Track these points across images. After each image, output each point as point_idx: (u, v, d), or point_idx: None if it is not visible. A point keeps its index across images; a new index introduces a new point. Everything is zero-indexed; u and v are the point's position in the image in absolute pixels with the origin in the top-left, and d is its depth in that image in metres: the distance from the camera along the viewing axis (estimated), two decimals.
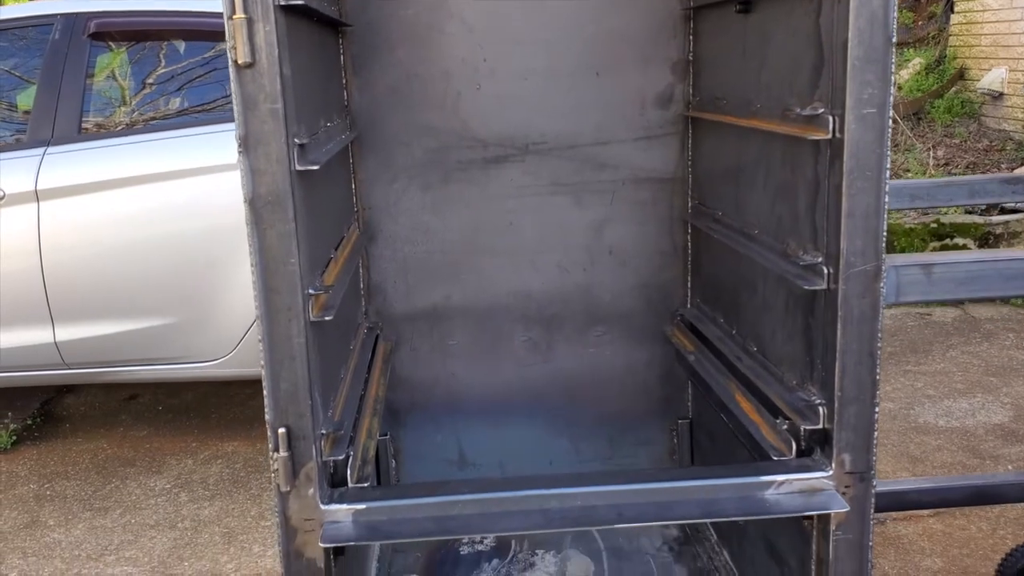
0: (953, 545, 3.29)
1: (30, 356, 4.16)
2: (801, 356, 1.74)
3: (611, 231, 2.45)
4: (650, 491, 1.60)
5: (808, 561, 1.73)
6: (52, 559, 3.45)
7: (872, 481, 1.61)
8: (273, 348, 1.50)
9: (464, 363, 2.52)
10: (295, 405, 1.52)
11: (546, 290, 2.48)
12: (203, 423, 4.64)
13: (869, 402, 1.57)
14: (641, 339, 2.52)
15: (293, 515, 1.56)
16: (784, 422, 1.74)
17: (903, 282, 1.56)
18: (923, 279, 1.55)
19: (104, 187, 4.02)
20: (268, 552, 3.42)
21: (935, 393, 4.60)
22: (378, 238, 2.42)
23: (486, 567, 2.34)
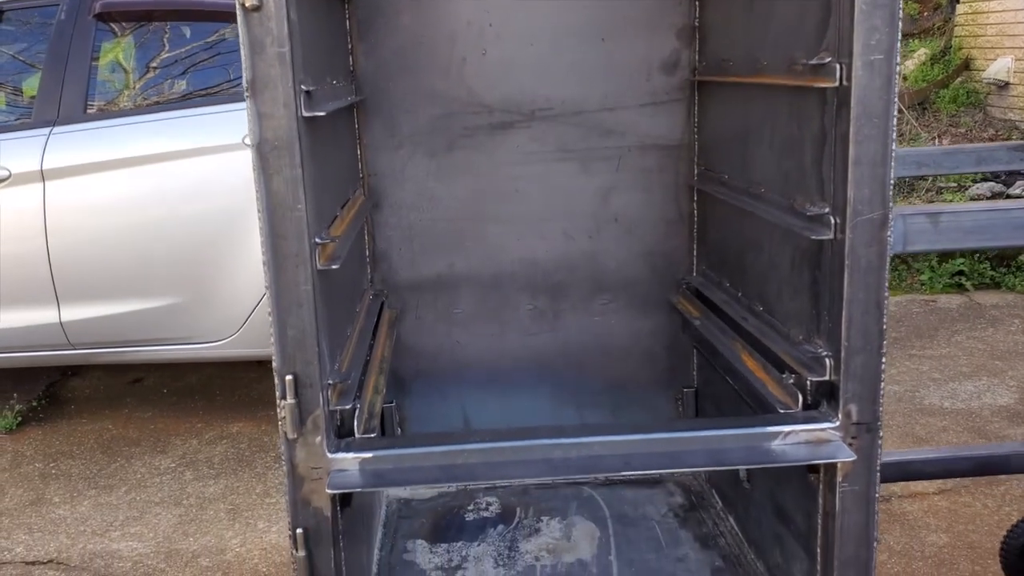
0: (959, 521, 3.29)
1: (35, 336, 4.17)
2: (807, 310, 1.74)
3: (617, 198, 2.44)
4: (657, 441, 1.60)
5: (814, 516, 1.73)
6: (57, 534, 3.45)
7: (879, 432, 1.60)
8: (280, 295, 1.50)
9: (469, 331, 2.52)
10: (302, 352, 1.52)
11: (552, 258, 2.48)
12: (208, 405, 4.65)
13: (876, 352, 1.57)
14: (646, 307, 2.52)
15: (300, 463, 1.57)
16: (790, 376, 1.74)
17: (910, 231, 1.55)
18: (930, 228, 1.55)
19: (109, 167, 4.03)
20: (273, 528, 3.43)
21: (940, 376, 4.60)
22: (383, 205, 2.42)
23: (491, 533, 2.34)
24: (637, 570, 2.14)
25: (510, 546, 2.27)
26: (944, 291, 6.08)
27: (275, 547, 3.30)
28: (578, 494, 2.53)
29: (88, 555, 3.31)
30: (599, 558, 2.20)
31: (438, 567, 2.19)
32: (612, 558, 2.19)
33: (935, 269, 6.19)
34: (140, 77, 4.53)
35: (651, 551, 2.22)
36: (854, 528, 1.63)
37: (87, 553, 3.32)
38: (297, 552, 1.58)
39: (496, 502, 2.50)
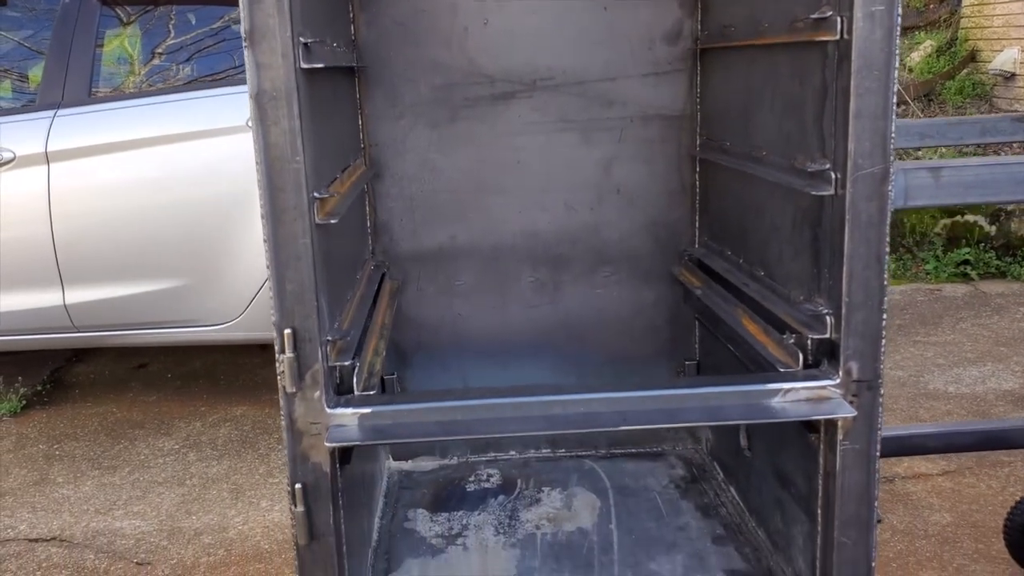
0: (962, 501, 3.28)
1: (40, 319, 4.18)
2: (808, 270, 1.73)
3: (619, 169, 2.44)
4: (655, 398, 1.60)
5: (815, 478, 1.72)
6: (61, 513, 3.46)
7: (880, 390, 1.60)
8: (278, 248, 1.50)
9: (471, 304, 2.52)
10: (301, 307, 1.52)
11: (553, 230, 2.47)
12: (212, 389, 4.66)
13: (877, 308, 1.56)
14: (648, 279, 2.51)
15: (299, 418, 1.56)
16: (791, 337, 1.74)
17: (911, 186, 1.55)
18: (931, 183, 1.54)
19: (114, 149, 4.04)
20: (275, 507, 3.43)
21: (945, 362, 4.58)
22: (384, 176, 2.42)
23: (492, 503, 2.33)
24: (638, 538, 2.13)
25: (511, 515, 2.26)
26: (949, 280, 6.06)
27: (277, 525, 3.30)
28: (579, 466, 2.53)
29: (91, 533, 3.31)
30: (600, 527, 2.19)
31: (439, 535, 2.19)
32: (612, 527, 2.19)
33: (940, 258, 6.17)
34: (145, 63, 4.54)
35: (652, 520, 2.22)
36: (855, 487, 1.62)
37: (90, 531, 3.33)
38: (296, 508, 1.58)
39: (497, 474, 2.50)
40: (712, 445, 2.52)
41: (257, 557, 3.11)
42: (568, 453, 2.60)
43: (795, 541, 1.87)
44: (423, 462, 2.59)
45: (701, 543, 2.11)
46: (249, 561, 3.09)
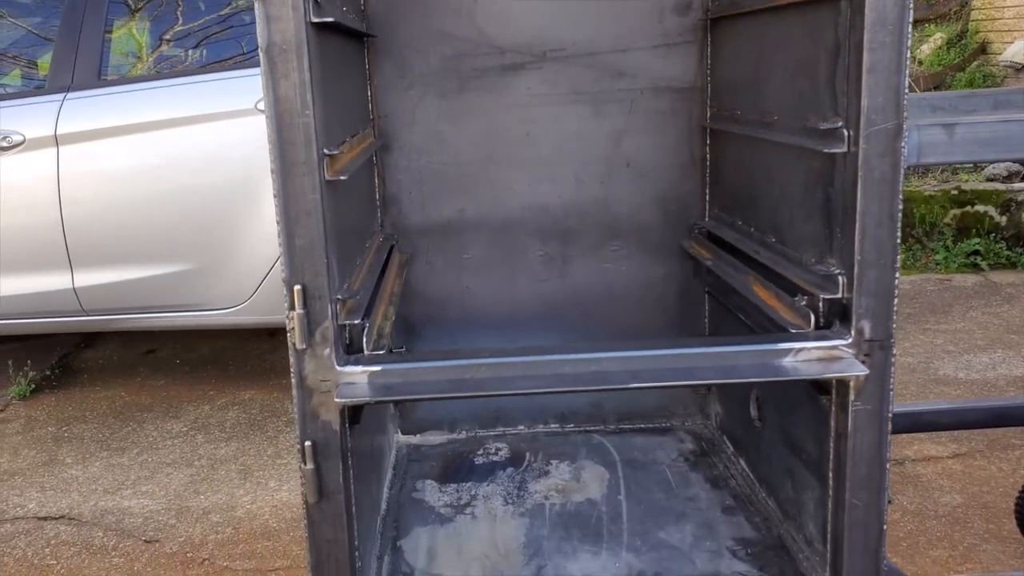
0: (973, 483, 3.26)
1: (49, 302, 4.19)
2: (820, 231, 1.72)
3: (629, 142, 2.43)
4: (667, 357, 1.59)
5: (826, 441, 1.71)
6: (69, 492, 3.47)
7: (892, 350, 1.59)
8: (288, 204, 1.50)
9: (479, 277, 2.51)
10: (311, 263, 1.52)
11: (562, 203, 2.46)
12: (220, 374, 4.66)
13: (890, 267, 1.55)
14: (658, 254, 2.50)
15: (309, 375, 1.56)
16: (802, 299, 1.73)
17: (924, 142, 1.53)
18: (945, 139, 1.53)
19: (123, 132, 4.05)
20: (284, 487, 3.43)
21: (955, 349, 4.56)
22: (393, 148, 2.41)
23: (500, 475, 2.33)
24: (647, 509, 2.12)
25: (519, 486, 2.26)
26: (959, 271, 6.04)
27: (286, 504, 3.30)
28: (588, 441, 2.52)
29: (99, 511, 3.32)
30: (608, 498, 2.19)
31: (447, 504, 2.18)
32: (621, 498, 2.18)
33: (950, 249, 6.14)
34: (153, 50, 4.55)
35: (661, 492, 2.21)
36: (867, 448, 1.61)
37: (98, 510, 3.33)
38: (305, 465, 1.57)
39: (506, 447, 2.50)
40: (722, 419, 2.51)
41: (265, 535, 3.11)
42: (577, 428, 2.60)
43: (806, 507, 1.86)
44: (432, 436, 2.59)
45: (711, 513, 2.10)
46: (257, 539, 3.09)
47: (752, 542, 1.96)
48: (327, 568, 1.61)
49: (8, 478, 3.60)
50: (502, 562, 1.92)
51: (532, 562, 1.91)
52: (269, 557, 2.98)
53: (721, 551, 1.93)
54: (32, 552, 3.07)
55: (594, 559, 1.91)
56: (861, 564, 1.65)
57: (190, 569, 2.93)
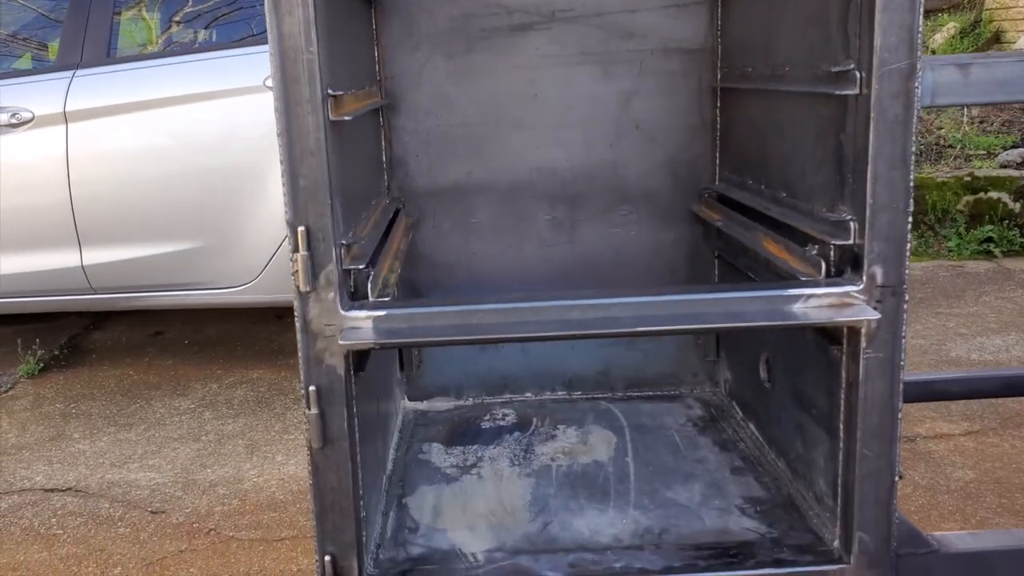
0: (985, 460, 3.23)
1: (57, 280, 4.19)
2: (831, 178, 1.69)
3: (639, 104, 2.41)
4: (675, 302, 1.57)
5: (837, 393, 1.69)
6: (76, 466, 3.47)
7: (904, 296, 1.56)
8: (292, 143, 1.48)
9: (487, 242, 2.49)
10: (315, 204, 1.50)
11: (571, 166, 2.44)
12: (228, 354, 4.66)
13: (903, 210, 1.53)
14: (668, 218, 2.48)
15: (313, 319, 1.54)
16: (813, 248, 1.70)
17: (939, 82, 1.51)
18: (959, 80, 1.50)
19: (133, 108, 4.05)
20: (291, 461, 3.42)
21: (967, 332, 4.53)
22: (400, 109, 2.40)
23: (507, 438, 2.31)
24: (654, 470, 2.10)
25: (526, 449, 2.24)
26: (972, 257, 5.99)
27: (292, 477, 3.29)
28: (595, 407, 2.50)
29: (106, 484, 3.32)
30: (616, 459, 2.16)
31: (453, 465, 2.17)
32: (629, 459, 2.16)
33: (963, 236, 6.10)
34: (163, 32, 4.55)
35: (669, 454, 2.19)
36: (878, 397, 1.59)
37: (105, 482, 3.33)
38: (309, 410, 1.56)
39: (512, 413, 2.48)
40: (731, 386, 2.48)
41: (272, 506, 3.10)
42: (584, 395, 2.58)
43: (816, 464, 1.83)
44: (438, 402, 2.57)
45: (719, 474, 2.08)
46: (263, 510, 3.08)
47: (761, 500, 1.94)
48: (331, 516, 1.60)
49: (15, 452, 3.60)
50: (508, 518, 1.90)
51: (538, 519, 1.89)
52: (275, 527, 2.96)
53: (730, 509, 1.91)
54: (39, 522, 3.07)
55: (601, 516, 1.89)
56: (873, 516, 1.63)
57: (196, 539, 2.92)
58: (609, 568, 1.70)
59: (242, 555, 2.81)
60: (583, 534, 1.82)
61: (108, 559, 2.82)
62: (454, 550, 1.79)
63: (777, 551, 1.74)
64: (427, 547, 1.80)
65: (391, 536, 1.85)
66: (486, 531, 1.85)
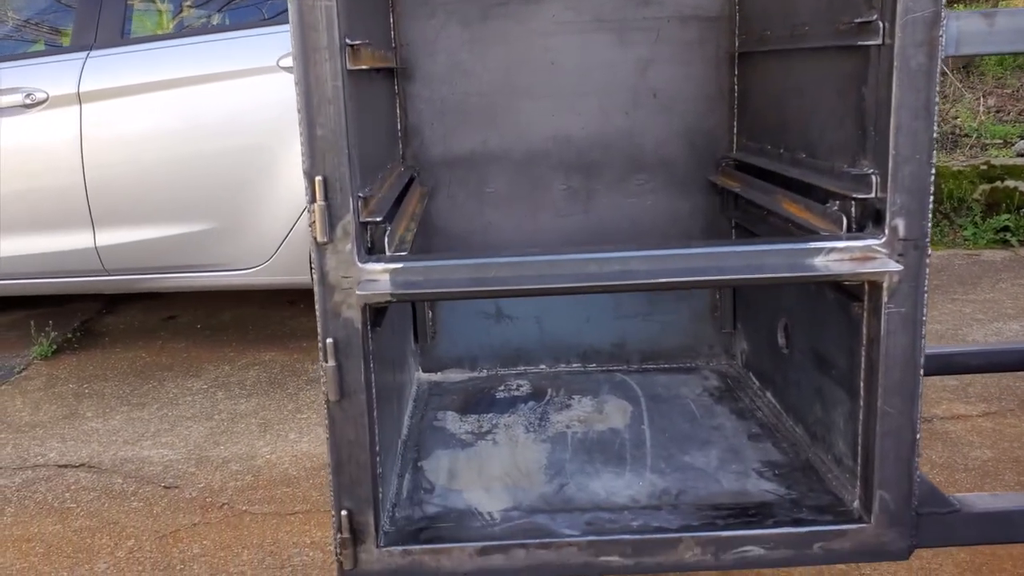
0: (1003, 439, 3.20)
1: (70, 261, 4.20)
2: (853, 133, 1.67)
3: (655, 72, 2.39)
4: (693, 256, 1.55)
5: (858, 352, 1.67)
6: (90, 443, 3.47)
7: (927, 250, 1.54)
8: (309, 91, 1.47)
9: (502, 212, 2.48)
10: (332, 154, 1.49)
11: (587, 135, 2.43)
12: (241, 338, 4.66)
13: (925, 162, 1.51)
14: (684, 188, 2.46)
15: (330, 271, 1.53)
16: (834, 204, 1.68)
17: (963, 31, 1.49)
18: (984, 29, 1.48)
19: (146, 89, 4.05)
20: (304, 439, 3.42)
21: (984, 317, 4.49)
22: (415, 77, 2.39)
23: (522, 407, 2.30)
24: (671, 436, 2.09)
25: (541, 417, 2.23)
26: (988, 246, 5.95)
27: (306, 455, 3.29)
28: (610, 378, 2.49)
29: (119, 460, 3.32)
30: (632, 427, 2.15)
31: (468, 432, 2.16)
32: (645, 427, 2.15)
33: (979, 225, 6.06)
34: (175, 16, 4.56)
35: (685, 422, 2.17)
36: (900, 353, 1.57)
37: (118, 459, 3.33)
38: (327, 363, 1.55)
39: (527, 384, 2.46)
40: (747, 357, 2.46)
41: (285, 482, 3.10)
42: (599, 367, 2.56)
43: (835, 426, 1.81)
44: (452, 374, 2.56)
45: (737, 440, 2.06)
46: (277, 485, 3.08)
47: (779, 464, 1.92)
48: (348, 469, 1.59)
49: (29, 430, 3.61)
50: (523, 480, 1.88)
51: (554, 481, 1.88)
52: (288, 502, 2.96)
53: (748, 472, 1.89)
54: (52, 496, 3.07)
55: (617, 478, 1.88)
56: (894, 474, 1.61)
57: (209, 512, 2.92)
58: (626, 526, 1.68)
59: (255, 528, 2.81)
60: (600, 495, 1.81)
61: (121, 532, 2.82)
62: (470, 509, 1.78)
63: (796, 511, 1.72)
64: (443, 507, 1.79)
65: (407, 496, 1.84)
66: (502, 492, 1.84)
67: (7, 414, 3.76)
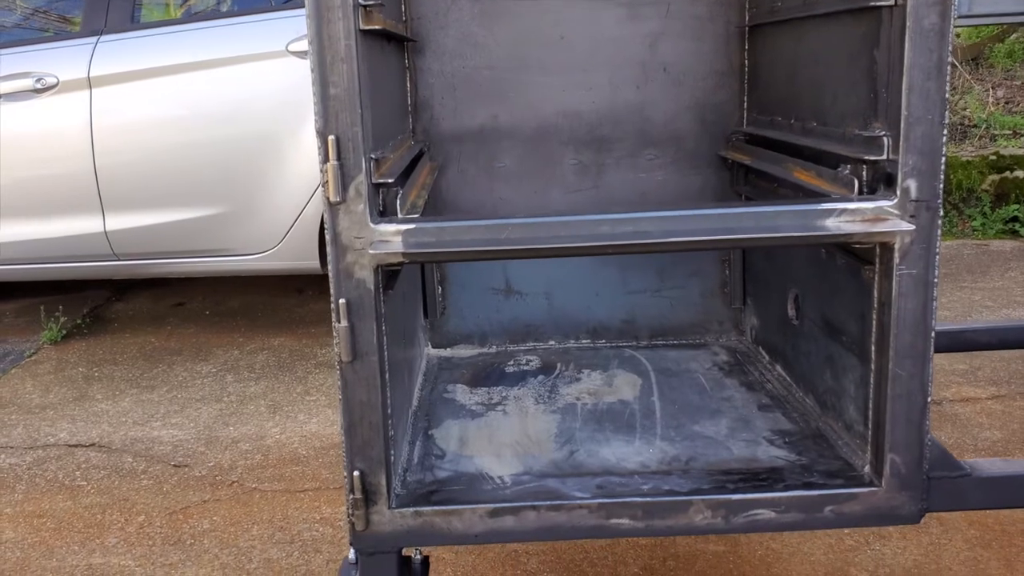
0: (1012, 421, 3.20)
1: (81, 246, 4.21)
2: (864, 97, 1.67)
3: (666, 46, 2.39)
4: (706, 216, 1.55)
5: (869, 316, 1.67)
6: (100, 424, 3.48)
7: (939, 212, 1.54)
8: (322, 49, 1.48)
9: (512, 187, 2.48)
10: (345, 113, 1.49)
11: (596, 110, 2.43)
12: (250, 323, 4.68)
13: (938, 122, 1.51)
14: (695, 163, 2.46)
15: (343, 231, 1.54)
16: (845, 168, 1.68)
17: None
18: None
19: (157, 73, 4.06)
20: (313, 420, 3.42)
21: (993, 304, 4.48)
22: (426, 51, 2.39)
23: (531, 381, 2.30)
24: (680, 407, 2.09)
25: (551, 390, 2.23)
26: (997, 236, 5.94)
27: (315, 435, 3.30)
28: (619, 354, 2.49)
29: (129, 440, 3.33)
30: (641, 399, 2.15)
31: (478, 403, 2.16)
32: (655, 399, 2.15)
33: (987, 215, 6.04)
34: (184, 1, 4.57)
35: (695, 394, 2.17)
36: (911, 315, 1.57)
37: (128, 439, 3.34)
38: (339, 323, 1.55)
39: (536, 359, 2.47)
40: (757, 332, 2.46)
41: (294, 461, 3.11)
42: (609, 344, 2.56)
43: (846, 392, 1.81)
44: (462, 350, 2.56)
45: (746, 410, 2.06)
46: (286, 464, 3.09)
47: (789, 432, 1.92)
48: (360, 430, 1.59)
49: (39, 411, 3.62)
50: (534, 447, 1.89)
51: (564, 448, 1.88)
52: (298, 480, 2.97)
53: (758, 440, 1.89)
54: (63, 474, 3.08)
55: (627, 446, 1.88)
56: (905, 437, 1.61)
57: (219, 490, 2.93)
58: (637, 489, 1.68)
59: (265, 505, 2.81)
60: (610, 461, 1.81)
61: (131, 508, 2.84)
62: (481, 473, 1.78)
63: (807, 476, 1.72)
64: (454, 471, 1.80)
65: (418, 462, 1.85)
66: (512, 458, 1.84)
67: (18, 396, 3.78)
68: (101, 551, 2.59)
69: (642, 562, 2.42)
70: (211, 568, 2.49)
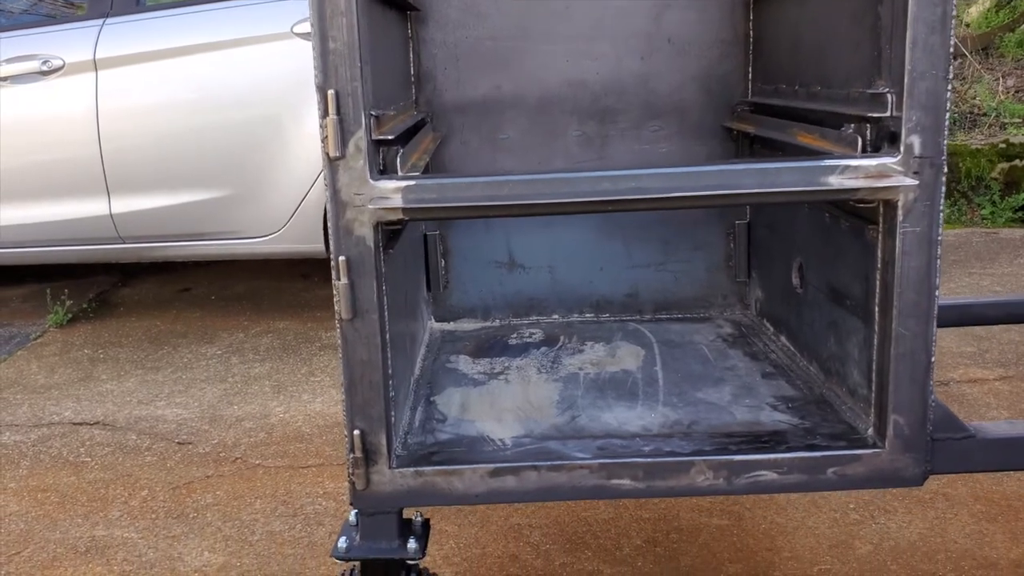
0: (1020, 401, 3.18)
1: (86, 229, 4.22)
2: (868, 56, 1.66)
3: (671, 16, 2.38)
4: (708, 173, 1.54)
5: (872, 276, 1.65)
6: (104, 403, 3.49)
7: (943, 168, 1.52)
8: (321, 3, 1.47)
9: (515, 159, 2.47)
10: (345, 67, 1.48)
11: (601, 80, 2.42)
12: (255, 307, 4.68)
13: (942, 77, 1.49)
14: (699, 134, 2.45)
15: (343, 187, 1.53)
16: (849, 127, 1.67)
17: None
18: None
19: (162, 56, 4.06)
20: (317, 399, 3.42)
21: (1002, 289, 4.46)
22: (428, 20, 2.38)
23: (534, 352, 2.29)
24: (684, 376, 2.08)
25: (554, 360, 2.22)
26: (1006, 225, 5.91)
27: (319, 414, 3.30)
28: (623, 327, 2.48)
29: (133, 418, 3.33)
30: (644, 368, 2.14)
31: (481, 372, 2.15)
32: (658, 368, 2.14)
33: (997, 204, 6.01)
34: None
35: (698, 364, 2.16)
36: (915, 273, 1.55)
37: (132, 417, 3.35)
38: (339, 280, 1.54)
39: (539, 332, 2.46)
40: (762, 304, 2.45)
41: (298, 439, 3.11)
42: (612, 317, 2.55)
43: (850, 356, 1.80)
44: (465, 323, 2.56)
45: (750, 378, 2.05)
46: (290, 442, 3.09)
47: (793, 398, 1.91)
48: (360, 389, 1.58)
49: (44, 391, 3.63)
50: (535, 412, 1.88)
51: (566, 413, 1.87)
52: (301, 457, 2.97)
53: (761, 406, 1.88)
54: (68, 451, 3.09)
55: (629, 411, 1.87)
56: (908, 398, 1.59)
57: (223, 466, 2.93)
58: (638, 451, 1.67)
59: (268, 480, 2.81)
60: (612, 424, 1.80)
61: (135, 483, 2.84)
62: (482, 436, 1.77)
63: (810, 438, 1.71)
64: (455, 434, 1.79)
65: (419, 425, 1.84)
66: (513, 422, 1.83)
67: (23, 377, 3.79)
68: (104, 523, 2.59)
69: (645, 535, 2.41)
70: (214, 540, 2.48)
